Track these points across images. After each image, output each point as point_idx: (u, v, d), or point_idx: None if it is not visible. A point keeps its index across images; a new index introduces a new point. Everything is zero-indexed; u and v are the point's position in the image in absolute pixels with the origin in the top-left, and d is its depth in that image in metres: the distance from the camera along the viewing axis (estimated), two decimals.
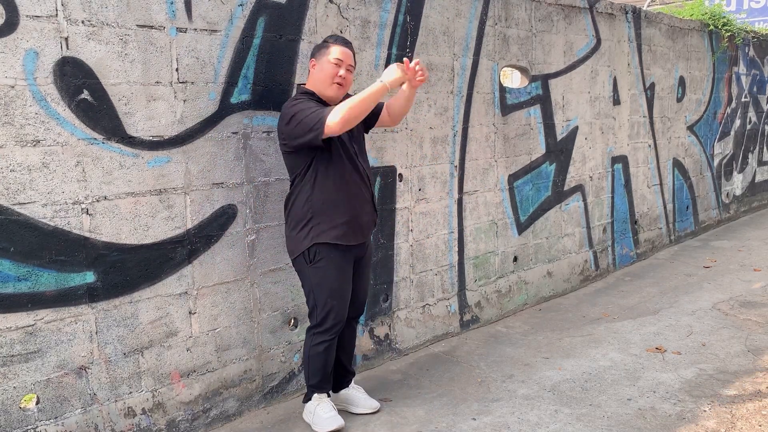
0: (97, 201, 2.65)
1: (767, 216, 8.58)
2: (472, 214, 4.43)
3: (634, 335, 4.22)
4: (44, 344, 2.55)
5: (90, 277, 2.65)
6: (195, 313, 3.01)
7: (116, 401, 2.76)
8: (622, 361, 3.80)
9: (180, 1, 2.84)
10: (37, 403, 2.55)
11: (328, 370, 3.06)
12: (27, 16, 2.42)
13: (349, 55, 2.95)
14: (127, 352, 2.79)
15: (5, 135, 2.41)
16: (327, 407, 3.04)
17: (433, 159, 4.10)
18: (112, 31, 2.64)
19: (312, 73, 2.97)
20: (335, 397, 3.23)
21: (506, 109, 4.61)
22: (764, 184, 9.14)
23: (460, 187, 4.32)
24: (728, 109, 7.82)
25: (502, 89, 4.58)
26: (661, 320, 4.50)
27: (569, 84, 5.16)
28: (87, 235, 2.63)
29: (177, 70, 2.86)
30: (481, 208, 4.49)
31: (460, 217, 4.34)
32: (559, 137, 5.12)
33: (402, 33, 3.83)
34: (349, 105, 2.77)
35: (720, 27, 7.24)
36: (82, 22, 2.56)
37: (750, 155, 8.61)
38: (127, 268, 2.76)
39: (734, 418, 3.07)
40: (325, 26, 3.41)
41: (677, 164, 6.88)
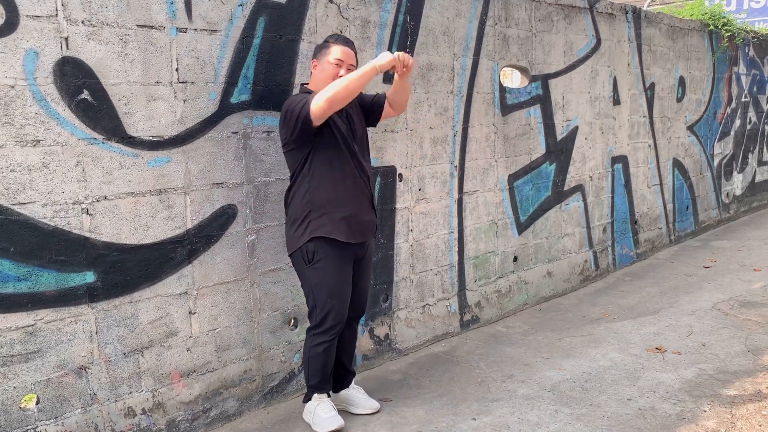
0: (97, 201, 2.66)
1: (767, 216, 8.59)
2: (472, 214, 4.43)
3: (634, 335, 4.22)
4: (44, 344, 2.55)
5: (90, 277, 2.65)
6: (195, 313, 3.01)
7: (116, 401, 2.76)
8: (622, 361, 3.80)
9: (180, 1, 2.84)
10: (37, 403, 2.55)
11: (328, 371, 3.06)
12: (27, 16, 2.42)
13: (350, 55, 2.94)
14: (127, 352, 2.79)
15: (5, 135, 2.41)
16: (327, 407, 3.04)
17: (433, 159, 4.10)
18: (112, 31, 2.64)
19: (313, 74, 2.97)
20: (335, 398, 3.23)
21: (506, 109, 4.61)
22: (764, 184, 9.14)
23: (460, 187, 4.32)
24: (728, 109, 7.82)
25: (502, 89, 4.58)
26: (661, 320, 4.50)
27: (569, 84, 5.16)
28: (87, 235, 2.63)
29: (177, 70, 2.86)
30: (481, 208, 4.49)
31: (460, 217, 4.34)
32: (559, 137, 5.12)
33: (402, 33, 3.83)
34: (337, 84, 2.73)
35: (720, 27, 7.24)
36: (82, 22, 2.56)
37: (750, 155, 8.61)
38: (127, 268, 2.76)
39: (734, 418, 3.07)
40: (325, 26, 3.41)
41: (677, 164, 6.88)
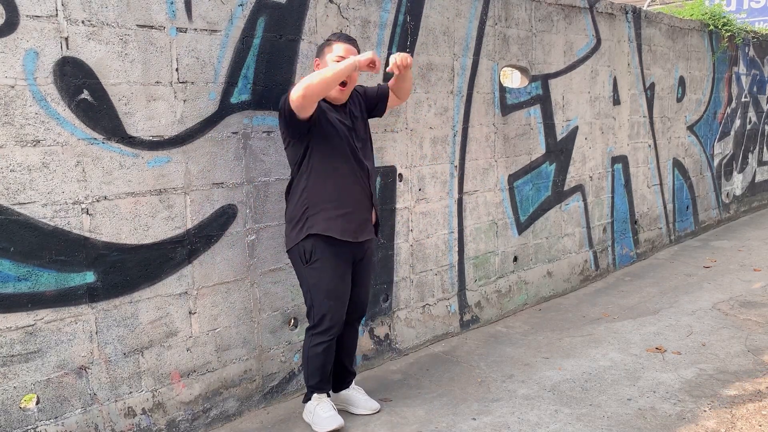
0: (97, 201, 2.66)
1: (767, 216, 8.58)
2: (472, 214, 4.43)
3: (634, 335, 4.22)
4: (44, 344, 2.55)
5: (90, 277, 2.65)
6: (195, 313, 3.01)
7: (116, 401, 2.76)
8: (622, 361, 3.80)
9: (180, 1, 2.84)
10: (37, 403, 2.55)
11: (327, 371, 3.06)
12: (27, 16, 2.42)
13: (353, 51, 2.92)
14: (127, 352, 2.79)
15: (5, 135, 2.41)
16: (326, 407, 3.04)
17: (433, 159, 4.10)
18: (112, 31, 2.64)
19: None
20: (335, 397, 3.22)
21: (506, 109, 4.61)
22: (764, 184, 9.14)
23: (460, 187, 4.32)
24: (728, 109, 7.82)
25: (502, 89, 4.58)
26: (661, 320, 4.50)
27: (569, 84, 5.16)
28: (87, 235, 2.63)
29: (177, 70, 2.86)
30: (481, 208, 4.49)
31: (460, 217, 4.34)
32: (559, 137, 5.12)
33: (402, 33, 3.83)
34: (315, 75, 2.72)
35: (720, 27, 7.24)
36: (82, 22, 2.56)
37: (750, 155, 8.61)
38: (127, 268, 2.76)
39: (734, 418, 3.07)
40: (325, 26, 3.41)
41: (677, 164, 6.88)
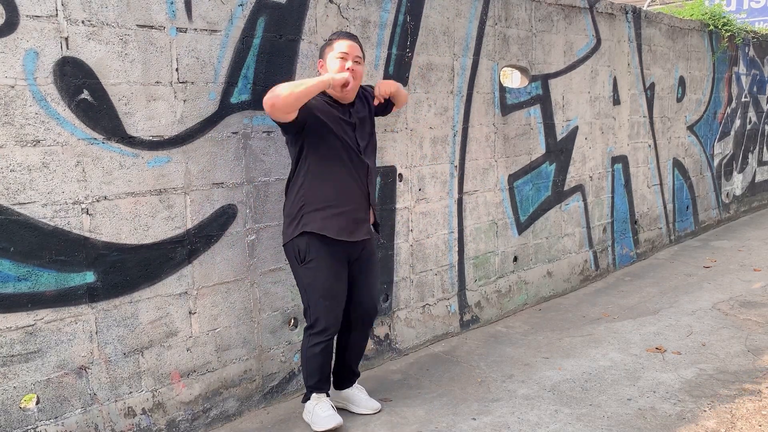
0: (97, 201, 2.66)
1: (767, 216, 8.58)
2: (472, 214, 4.43)
3: (634, 335, 4.22)
4: (44, 344, 2.55)
5: (90, 277, 2.65)
6: (195, 313, 3.01)
7: (116, 401, 2.76)
8: (622, 361, 3.80)
9: (180, 1, 2.84)
10: (37, 403, 2.55)
11: (326, 371, 3.05)
12: (27, 16, 2.42)
13: (355, 47, 2.91)
14: (127, 352, 2.79)
15: (5, 135, 2.41)
16: (325, 406, 3.03)
17: (433, 159, 4.10)
18: (112, 31, 2.64)
19: (322, 74, 2.95)
20: (337, 395, 3.22)
21: (506, 109, 4.61)
22: (764, 184, 9.14)
23: (460, 187, 4.32)
24: (728, 109, 7.82)
25: (502, 89, 4.58)
26: (661, 320, 4.50)
27: (569, 84, 5.16)
28: (87, 235, 2.63)
29: (177, 70, 2.86)
30: (481, 208, 4.49)
31: (460, 217, 4.34)
32: (559, 137, 5.12)
33: (402, 33, 3.83)
34: (283, 89, 2.69)
35: (720, 27, 7.24)
36: (82, 22, 2.56)
37: (750, 155, 8.61)
38: (127, 268, 2.76)
39: (734, 418, 3.07)
40: (325, 26, 3.41)
41: (677, 164, 6.88)
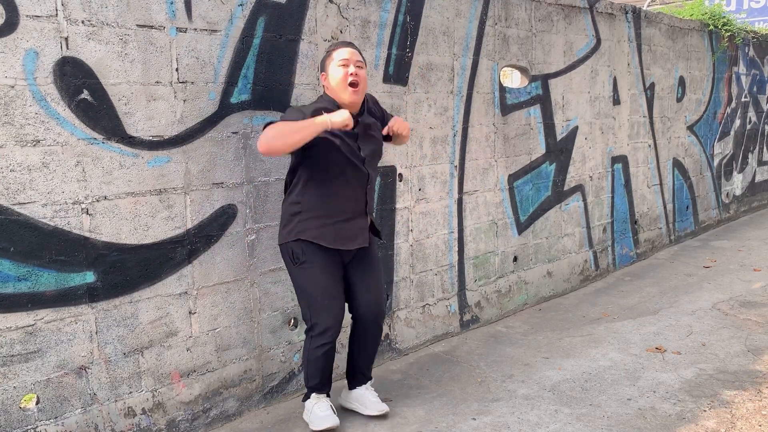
0: (97, 201, 2.66)
1: (767, 216, 8.59)
2: (472, 214, 4.43)
3: (634, 335, 4.22)
4: (44, 344, 2.55)
5: (90, 277, 2.65)
6: (195, 313, 3.01)
7: (116, 401, 2.76)
8: (622, 361, 3.80)
9: (180, 1, 2.84)
10: (37, 403, 2.55)
11: (328, 373, 3.05)
12: (27, 16, 2.42)
13: (354, 53, 2.94)
14: (127, 352, 2.79)
15: (5, 135, 2.41)
16: (324, 406, 3.03)
17: (433, 159, 4.10)
18: (112, 31, 2.64)
19: (326, 86, 2.97)
20: (348, 395, 3.21)
21: (506, 109, 4.61)
22: (764, 184, 9.14)
23: (460, 187, 4.32)
24: (728, 109, 7.82)
25: (502, 89, 4.58)
26: (661, 320, 4.50)
27: (569, 84, 5.16)
28: (87, 235, 2.63)
29: (177, 70, 2.86)
30: (481, 208, 4.49)
31: (460, 217, 4.34)
32: (559, 137, 5.12)
33: (402, 33, 3.83)
34: (277, 135, 2.71)
35: (720, 27, 7.24)
36: (82, 22, 2.56)
37: (750, 155, 8.61)
38: (127, 268, 2.76)
39: (734, 418, 3.07)
40: (325, 26, 3.41)
41: (677, 164, 6.88)
